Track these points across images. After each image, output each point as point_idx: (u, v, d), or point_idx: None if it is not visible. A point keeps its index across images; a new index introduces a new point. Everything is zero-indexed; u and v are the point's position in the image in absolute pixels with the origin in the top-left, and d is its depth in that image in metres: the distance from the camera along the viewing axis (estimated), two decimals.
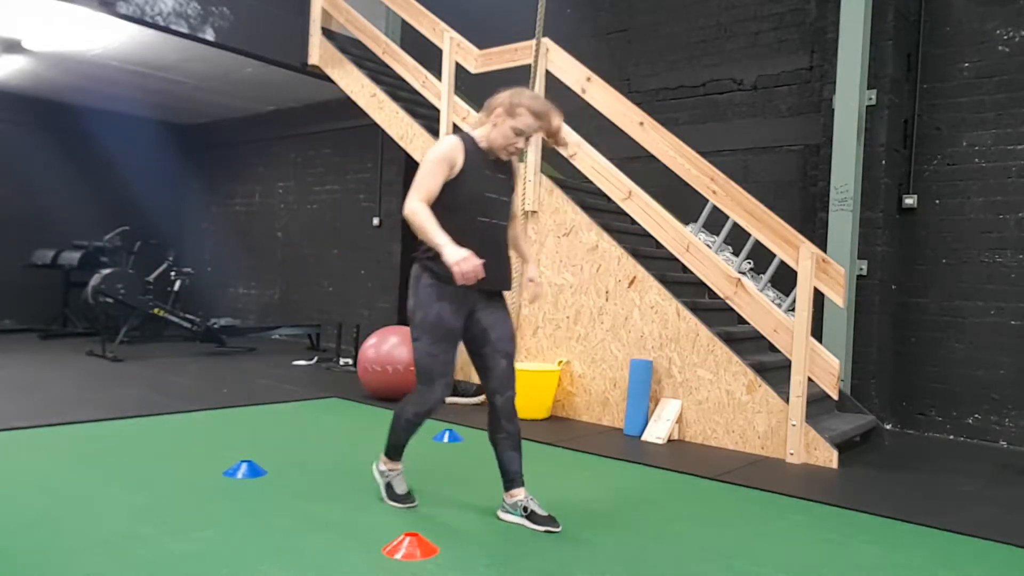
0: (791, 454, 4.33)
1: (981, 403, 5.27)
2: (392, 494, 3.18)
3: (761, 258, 5.43)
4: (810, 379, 4.38)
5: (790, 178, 6.08)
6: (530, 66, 5.51)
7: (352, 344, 7.60)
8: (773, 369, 4.77)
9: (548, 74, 5.52)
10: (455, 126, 5.96)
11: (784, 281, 5.20)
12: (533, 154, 5.49)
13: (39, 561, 2.41)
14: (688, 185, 4.95)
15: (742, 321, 5.01)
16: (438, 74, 6.17)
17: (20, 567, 2.37)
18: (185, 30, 6.52)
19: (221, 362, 7.26)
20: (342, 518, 2.98)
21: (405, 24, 7.20)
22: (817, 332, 4.76)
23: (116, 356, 6.89)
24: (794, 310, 4.48)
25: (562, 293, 5.36)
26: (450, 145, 2.88)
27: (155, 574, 2.36)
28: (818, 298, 4.58)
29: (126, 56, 7.40)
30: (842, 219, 5.34)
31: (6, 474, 3.32)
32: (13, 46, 7.26)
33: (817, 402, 4.64)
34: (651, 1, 6.91)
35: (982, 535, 3.15)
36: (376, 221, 8.61)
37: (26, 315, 9.26)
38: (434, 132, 6.16)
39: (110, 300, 7.57)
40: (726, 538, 2.99)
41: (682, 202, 5.73)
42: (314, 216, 9.42)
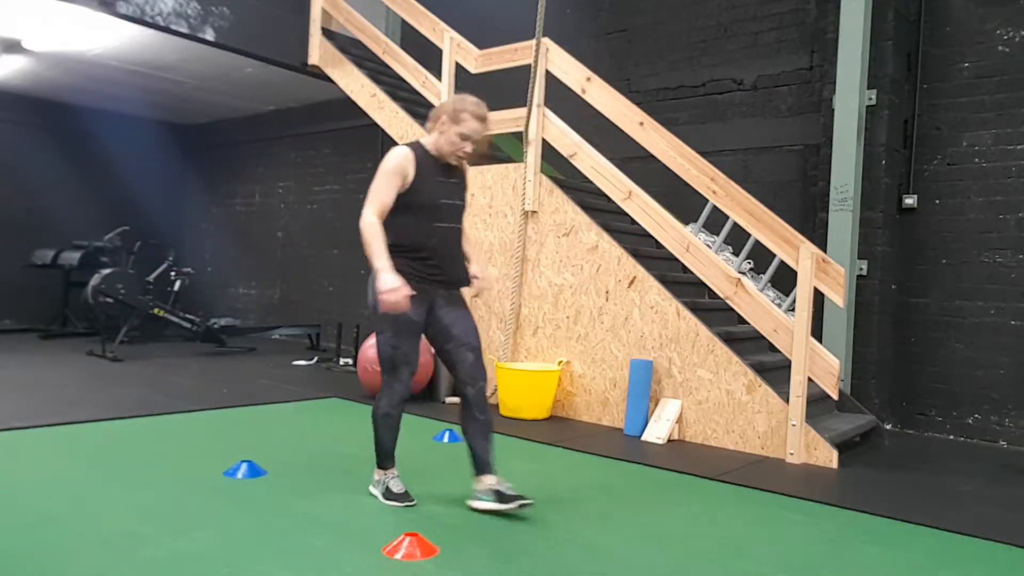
0: (791, 454, 4.33)
1: (981, 403, 5.27)
2: (390, 494, 3.19)
3: (761, 258, 5.44)
4: (810, 379, 4.38)
5: (790, 178, 6.08)
6: (530, 66, 5.51)
7: (352, 344, 7.60)
8: (773, 369, 4.77)
9: (548, 74, 5.53)
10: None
11: (784, 281, 5.20)
12: (532, 154, 5.49)
13: (39, 561, 2.41)
14: (688, 185, 4.95)
15: (742, 321, 5.02)
16: (438, 74, 6.17)
17: (20, 567, 2.37)
18: (185, 30, 6.53)
19: (221, 362, 7.26)
20: (342, 518, 2.98)
21: (405, 24, 7.21)
22: (817, 332, 4.76)
23: (116, 356, 6.90)
24: (794, 310, 4.48)
25: (562, 293, 5.36)
26: (401, 156, 3.04)
27: (155, 574, 2.36)
28: (818, 298, 4.58)
29: (126, 56, 7.40)
30: (842, 219, 5.34)
31: (6, 474, 3.32)
32: (13, 46, 7.27)
33: (817, 402, 4.64)
34: (651, 1, 6.91)
35: (982, 535, 3.16)
36: None
37: (26, 315, 9.26)
38: None
39: (110, 300, 7.57)
40: (726, 538, 2.99)
41: (682, 202, 5.74)
42: (314, 216, 9.42)
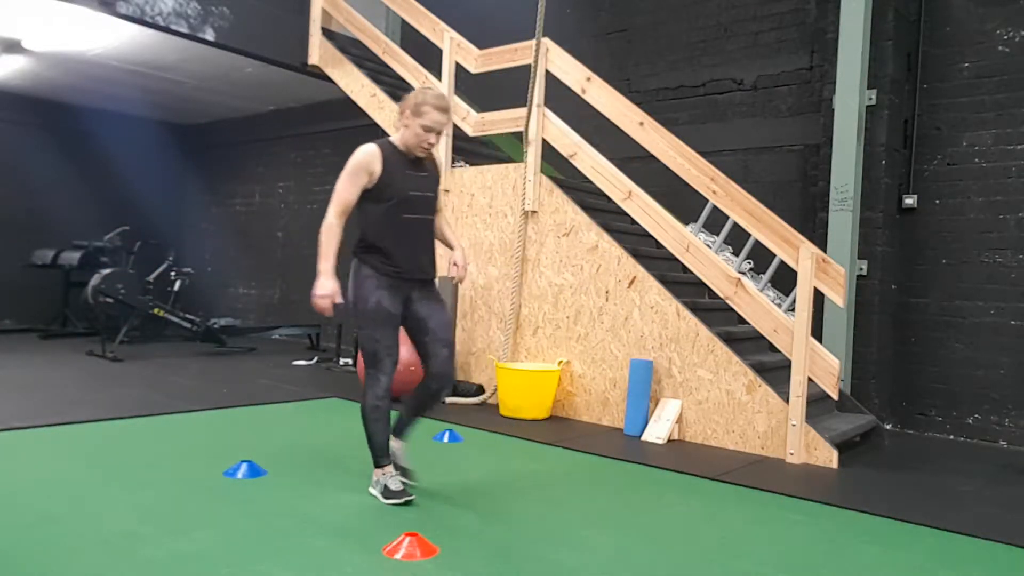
0: (791, 454, 4.33)
1: (981, 403, 5.27)
2: (388, 492, 3.18)
3: (761, 258, 5.43)
4: (810, 379, 4.38)
5: (790, 178, 6.08)
6: (530, 66, 5.51)
7: (352, 344, 7.60)
8: (773, 369, 4.77)
9: (548, 74, 5.53)
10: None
11: (784, 281, 5.19)
12: (532, 154, 5.49)
13: (39, 561, 2.41)
14: (688, 185, 4.95)
15: (742, 321, 5.02)
16: (438, 74, 6.17)
17: (20, 567, 2.37)
18: (185, 30, 6.53)
19: (221, 362, 7.26)
20: (342, 518, 2.98)
21: (405, 24, 7.21)
22: (817, 332, 4.76)
23: (116, 356, 6.90)
24: (794, 310, 4.48)
25: (562, 293, 5.36)
26: (364, 154, 3.13)
27: (155, 574, 2.36)
28: (818, 298, 4.58)
29: (126, 56, 7.40)
30: (842, 219, 5.34)
31: (6, 474, 3.32)
32: (13, 46, 7.27)
33: (817, 402, 4.64)
34: (651, 1, 6.91)
35: (982, 535, 3.16)
36: None
37: (26, 315, 9.26)
38: None
39: (110, 300, 7.57)
40: (726, 538, 2.99)
41: (682, 202, 5.74)
42: (314, 216, 9.41)
